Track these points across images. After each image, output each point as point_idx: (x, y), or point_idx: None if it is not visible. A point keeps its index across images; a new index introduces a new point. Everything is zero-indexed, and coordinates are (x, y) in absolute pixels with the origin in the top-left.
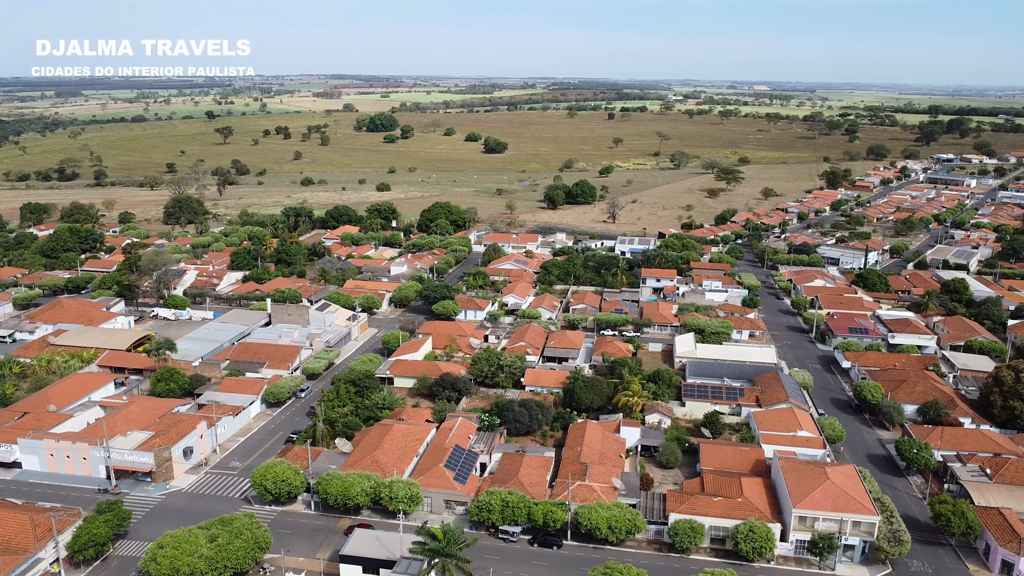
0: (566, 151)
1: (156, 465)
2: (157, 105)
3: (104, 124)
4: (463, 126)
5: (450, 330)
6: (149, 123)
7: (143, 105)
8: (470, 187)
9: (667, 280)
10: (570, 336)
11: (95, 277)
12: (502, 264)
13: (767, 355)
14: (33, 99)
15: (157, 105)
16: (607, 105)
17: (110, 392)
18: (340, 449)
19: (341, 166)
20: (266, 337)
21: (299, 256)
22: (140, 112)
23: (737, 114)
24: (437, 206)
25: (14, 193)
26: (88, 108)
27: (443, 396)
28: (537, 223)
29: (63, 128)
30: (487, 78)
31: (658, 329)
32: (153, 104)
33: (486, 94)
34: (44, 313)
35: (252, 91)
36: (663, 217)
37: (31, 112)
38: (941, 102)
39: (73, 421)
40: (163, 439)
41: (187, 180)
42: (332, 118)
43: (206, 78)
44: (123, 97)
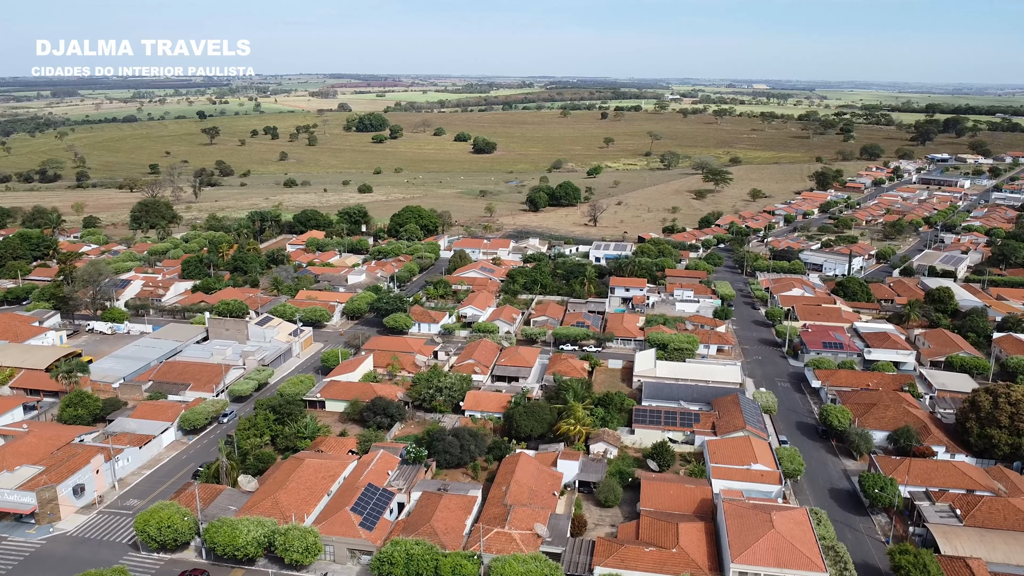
0: (556, 151)
1: (39, 505)
2: (151, 105)
3: (95, 124)
4: (454, 126)
5: (396, 346)
6: (140, 123)
7: (137, 105)
8: (455, 188)
9: (637, 290)
10: (523, 353)
11: (38, 287)
12: (467, 272)
13: (731, 374)
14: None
15: (151, 105)
16: (602, 104)
17: (18, 417)
18: (243, 487)
19: (327, 167)
20: (197, 355)
21: (255, 264)
22: (133, 112)
23: (732, 113)
24: (407, 210)
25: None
26: (82, 108)
27: (374, 422)
28: (516, 227)
29: (54, 128)
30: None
31: (621, 343)
32: (148, 104)
33: (483, 93)
34: None
35: (249, 91)
36: (647, 220)
37: (25, 112)
38: (940, 101)
39: None
40: (51, 475)
41: (162, 182)
42: (322, 118)
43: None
44: (119, 97)
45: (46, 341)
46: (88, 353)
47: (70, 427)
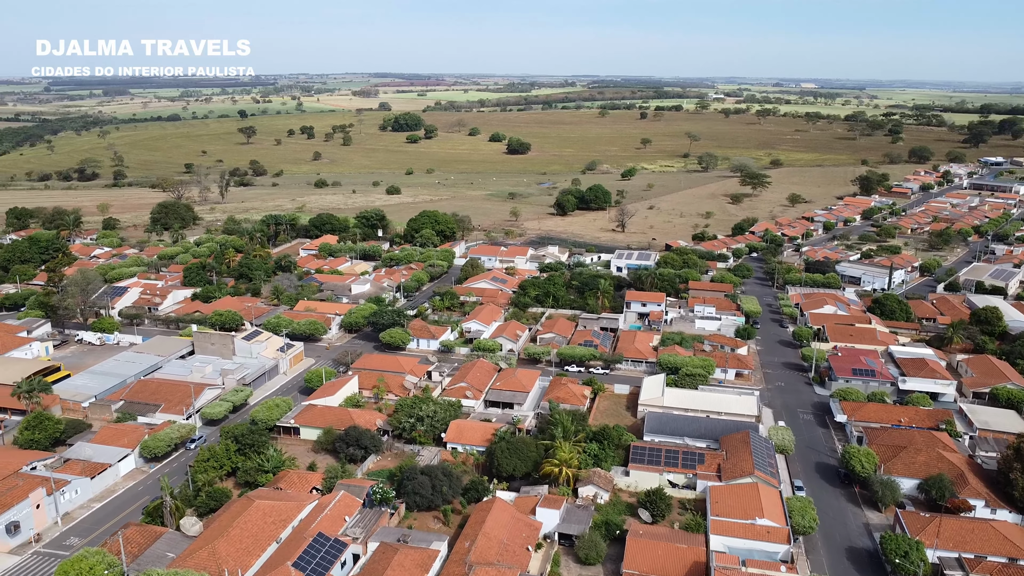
0: (591, 152)
1: None
2: (197, 104)
3: (140, 123)
4: (490, 126)
5: (386, 365)
6: (182, 122)
7: (183, 104)
8: (485, 190)
9: (654, 305)
10: (520, 376)
11: (36, 293)
12: (477, 282)
13: (746, 405)
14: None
15: (197, 104)
16: (642, 104)
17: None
18: (186, 531)
19: (359, 167)
20: (176, 372)
21: (260, 271)
22: (178, 111)
23: (775, 113)
24: (424, 215)
25: (32, 193)
26: (131, 107)
27: (345, 454)
28: (540, 232)
29: (100, 127)
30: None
31: (631, 365)
32: (193, 103)
33: (523, 92)
34: None
35: (293, 89)
36: (678, 226)
37: (76, 110)
38: (996, 101)
39: None
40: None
41: (188, 182)
42: (358, 117)
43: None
44: (167, 96)
45: (30, 352)
46: (72, 366)
47: (23, 452)
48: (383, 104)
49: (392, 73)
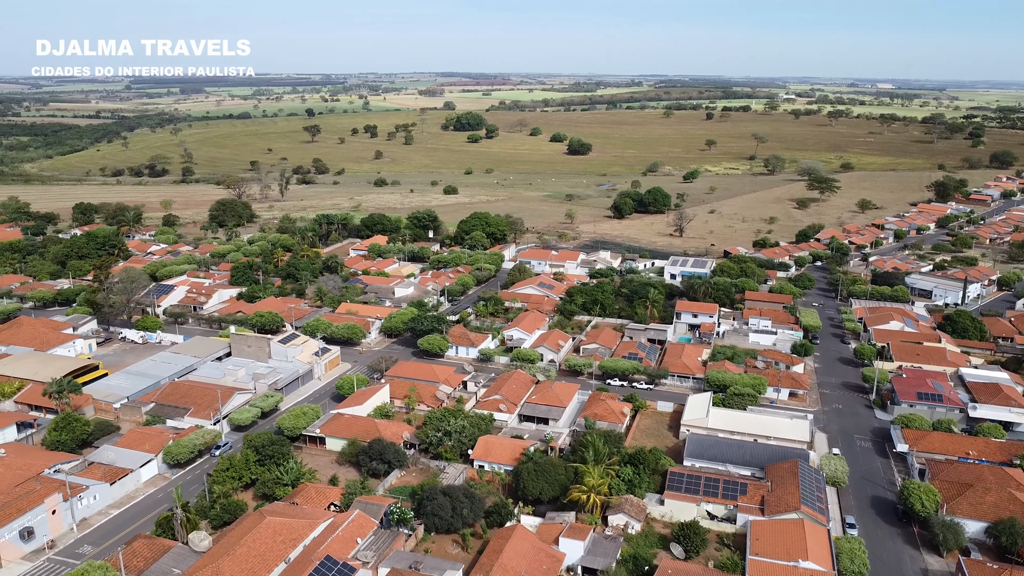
0: (653, 153)
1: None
2: (268, 102)
3: (212, 121)
4: (552, 126)
5: (421, 373)
6: (251, 120)
7: (255, 102)
8: (543, 191)
9: (706, 316)
10: (557, 390)
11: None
12: (523, 288)
13: (797, 430)
14: (160, 95)
15: (268, 102)
16: (708, 104)
17: (10, 437)
18: (195, 546)
19: (419, 166)
20: (210, 375)
21: (307, 271)
22: (249, 109)
23: (848, 115)
24: (475, 216)
25: (104, 188)
26: (205, 105)
27: (368, 468)
28: (595, 235)
29: (175, 124)
30: (595, 75)
31: (677, 381)
32: (264, 101)
33: (589, 92)
34: (0, 333)
35: (361, 88)
36: (739, 231)
37: (154, 108)
38: None
39: None
40: None
41: (249, 179)
42: (421, 116)
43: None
44: (240, 94)
45: (73, 350)
46: (111, 364)
47: (50, 454)
48: (448, 103)
49: (459, 72)
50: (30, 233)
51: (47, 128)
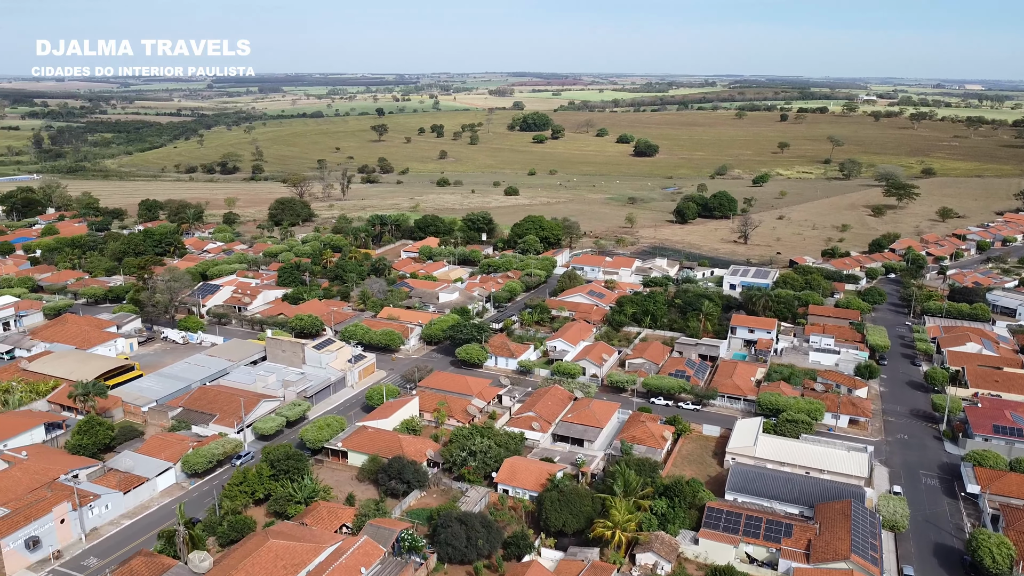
0: (723, 156)
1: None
2: (341, 101)
3: (286, 119)
4: (620, 126)
5: (454, 386)
6: (323, 119)
7: (328, 101)
8: (606, 193)
9: (763, 331)
10: (595, 409)
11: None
12: (572, 296)
13: (854, 463)
14: (239, 94)
15: (341, 101)
16: (783, 105)
17: (38, 438)
18: (194, 567)
19: (483, 166)
20: (239, 380)
21: (353, 273)
22: (322, 108)
23: (932, 117)
24: (528, 220)
25: (176, 185)
26: (281, 104)
27: (387, 487)
28: (654, 241)
29: (250, 123)
30: (668, 75)
31: (727, 402)
32: (338, 100)
33: (660, 92)
34: (46, 330)
35: (432, 88)
36: (808, 239)
37: (232, 107)
38: None
39: None
40: (3, 523)
41: (312, 177)
42: (488, 116)
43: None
44: (315, 93)
45: (114, 349)
46: (149, 364)
47: (70, 458)
48: (517, 103)
49: (530, 72)
50: (94, 229)
51: (130, 125)
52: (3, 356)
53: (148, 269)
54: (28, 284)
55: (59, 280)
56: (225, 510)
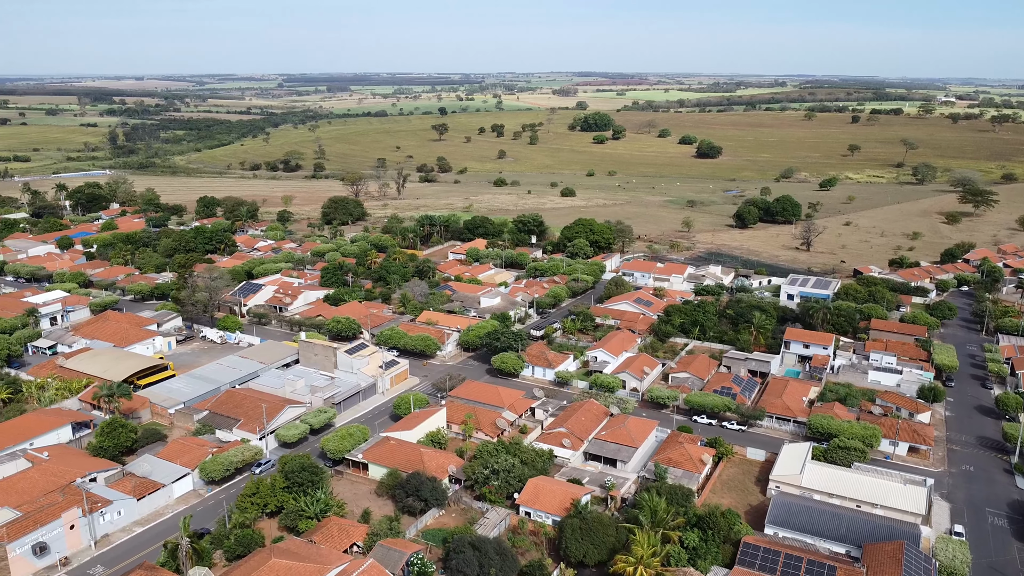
0: (789, 158)
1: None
2: (406, 100)
3: (350, 118)
4: (682, 127)
5: (485, 396)
6: (386, 118)
7: (393, 100)
8: (665, 196)
9: (819, 347)
10: (630, 426)
11: None
12: (618, 303)
13: (911, 498)
14: (308, 93)
15: (406, 100)
16: (855, 106)
17: (64, 437)
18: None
19: (541, 167)
20: (268, 383)
21: (397, 275)
22: (387, 108)
23: (1015, 119)
24: (579, 223)
25: (240, 182)
26: (347, 103)
27: (404, 504)
28: (711, 246)
29: (315, 121)
30: (736, 75)
31: (776, 423)
32: (403, 100)
33: (727, 93)
34: (88, 326)
35: (497, 88)
36: (875, 247)
37: (301, 105)
38: None
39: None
40: (11, 528)
41: (368, 176)
42: (549, 116)
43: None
44: (382, 92)
45: (152, 347)
46: (185, 364)
47: (91, 460)
48: (580, 103)
49: (596, 72)
50: (151, 225)
51: (201, 123)
52: (46, 351)
53: (189, 267)
54: (80, 279)
55: (110, 276)
56: (234, 523)
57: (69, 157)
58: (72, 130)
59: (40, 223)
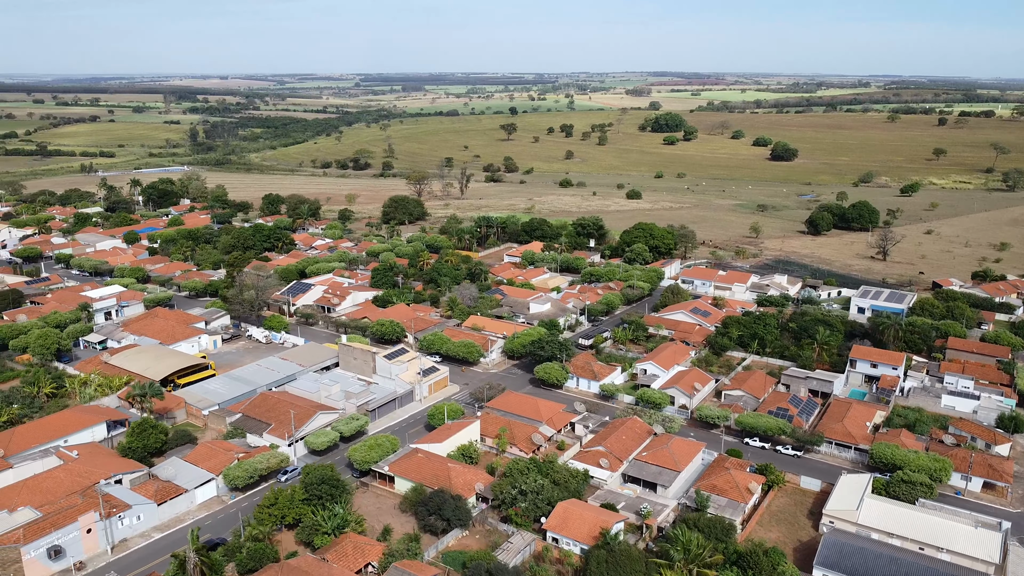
0: (869, 162)
1: (1, 567)
2: (478, 100)
3: (422, 117)
4: (757, 128)
5: (523, 408)
6: (457, 118)
7: (465, 100)
8: (735, 199)
9: (888, 367)
10: (674, 448)
11: None
12: (673, 313)
13: (982, 544)
14: (384, 92)
15: (478, 100)
16: (943, 108)
17: (99, 436)
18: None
19: (608, 168)
20: (303, 387)
21: (448, 277)
22: (459, 107)
23: None
24: (639, 227)
25: (310, 179)
26: (420, 102)
27: (425, 523)
28: (780, 254)
29: (388, 120)
30: (818, 75)
31: (835, 450)
32: (475, 99)
33: (807, 93)
34: (137, 322)
35: (569, 88)
36: (959, 258)
37: (376, 105)
38: None
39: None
40: (29, 529)
41: (431, 175)
42: (619, 117)
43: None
44: (455, 92)
45: (197, 345)
46: (228, 363)
47: (120, 460)
48: (653, 103)
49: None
50: (215, 221)
51: (279, 121)
52: (95, 346)
53: (238, 266)
54: (139, 274)
55: (168, 272)
56: (247, 535)
57: (151, 153)
58: (156, 127)
59: (112, 218)
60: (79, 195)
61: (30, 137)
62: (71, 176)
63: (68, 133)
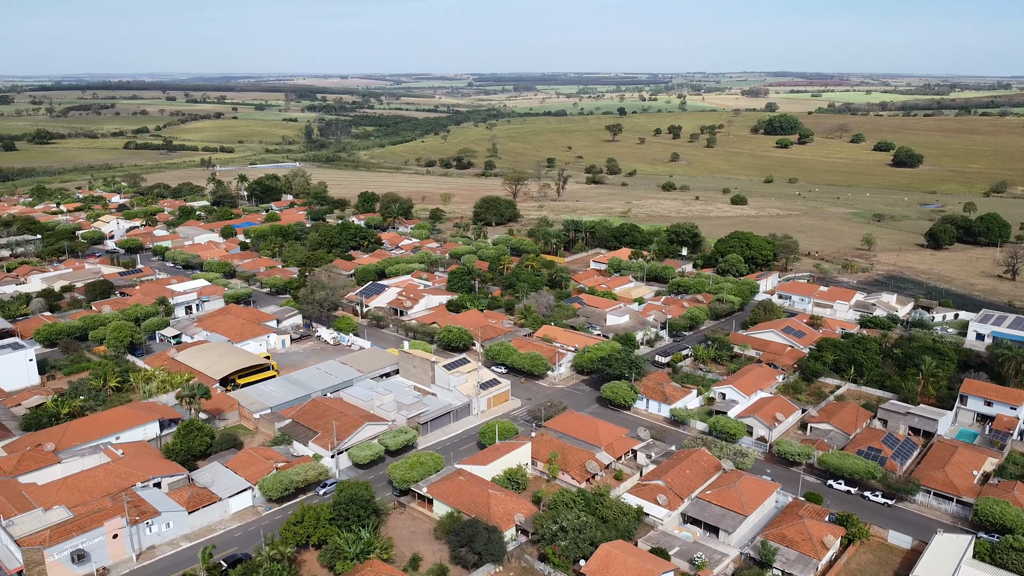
0: (1005, 169)
1: (25, 568)
2: (588, 100)
3: (530, 117)
4: (880, 132)
5: (582, 431)
6: (564, 118)
7: (575, 100)
8: (849, 208)
9: (1005, 406)
10: (744, 487)
11: None
12: (763, 331)
13: None
14: (495, 92)
15: (588, 100)
16: None
17: (151, 434)
18: None
19: (715, 171)
20: (356, 395)
21: (526, 283)
22: (568, 107)
23: None
24: (735, 236)
25: (413, 178)
26: (531, 102)
27: (456, 555)
28: (893, 269)
29: (496, 119)
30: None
31: (934, 500)
32: (585, 99)
33: (939, 95)
34: (210, 318)
35: (683, 88)
36: None
37: (486, 104)
38: None
39: (58, 468)
40: (55, 532)
41: (528, 176)
42: (731, 118)
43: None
44: (566, 92)
45: (266, 344)
46: (292, 364)
47: (162, 462)
48: (769, 104)
49: (791, 72)
50: (310, 217)
51: (391, 120)
52: (171, 340)
53: (312, 265)
54: (226, 269)
55: (254, 267)
56: (267, 554)
57: (267, 149)
58: (275, 124)
59: (215, 212)
60: (189, 189)
61: (159, 132)
62: (190, 170)
63: (193, 129)
